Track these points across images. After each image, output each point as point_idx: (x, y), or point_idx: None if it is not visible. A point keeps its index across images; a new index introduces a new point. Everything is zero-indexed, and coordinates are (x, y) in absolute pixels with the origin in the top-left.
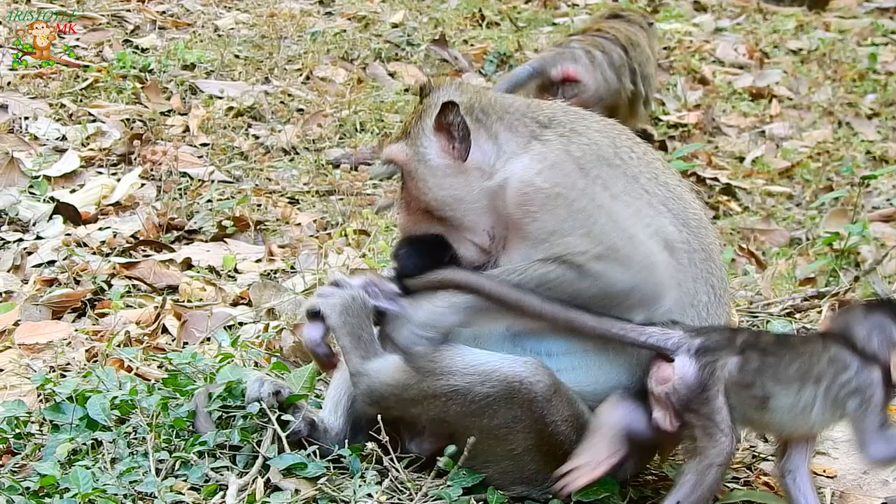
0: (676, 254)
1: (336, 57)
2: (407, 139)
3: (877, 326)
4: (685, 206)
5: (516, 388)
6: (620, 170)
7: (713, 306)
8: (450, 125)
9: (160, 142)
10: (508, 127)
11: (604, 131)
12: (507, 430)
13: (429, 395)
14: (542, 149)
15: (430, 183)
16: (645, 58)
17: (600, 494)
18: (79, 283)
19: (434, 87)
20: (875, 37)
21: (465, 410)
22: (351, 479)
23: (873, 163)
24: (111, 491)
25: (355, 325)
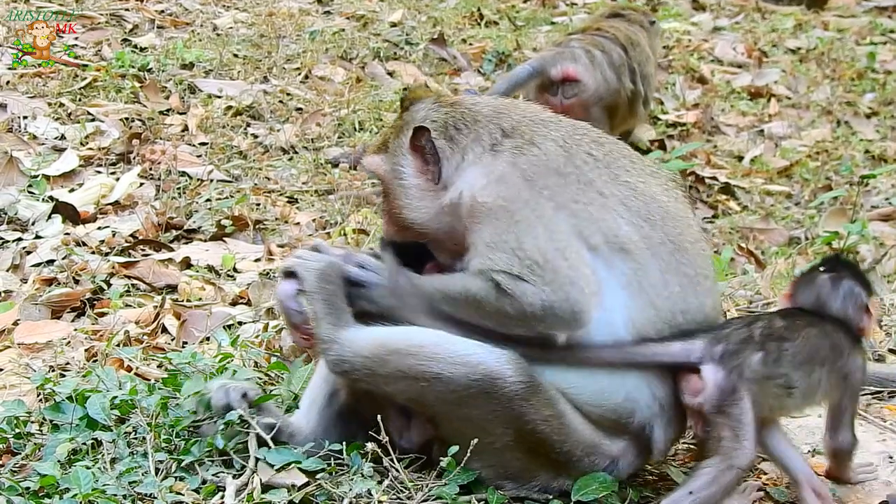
0: (632, 254)
1: (335, 56)
2: (386, 153)
3: (848, 294)
4: (647, 201)
5: (494, 382)
6: (572, 177)
7: (689, 294)
8: (421, 148)
9: (159, 141)
10: (476, 137)
11: (562, 139)
12: (485, 422)
13: (407, 376)
14: (492, 161)
15: (404, 202)
16: (644, 57)
17: (599, 493)
18: (78, 282)
19: (413, 102)
20: (874, 36)
21: (443, 398)
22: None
23: (872, 162)
24: (111, 491)
25: (330, 292)
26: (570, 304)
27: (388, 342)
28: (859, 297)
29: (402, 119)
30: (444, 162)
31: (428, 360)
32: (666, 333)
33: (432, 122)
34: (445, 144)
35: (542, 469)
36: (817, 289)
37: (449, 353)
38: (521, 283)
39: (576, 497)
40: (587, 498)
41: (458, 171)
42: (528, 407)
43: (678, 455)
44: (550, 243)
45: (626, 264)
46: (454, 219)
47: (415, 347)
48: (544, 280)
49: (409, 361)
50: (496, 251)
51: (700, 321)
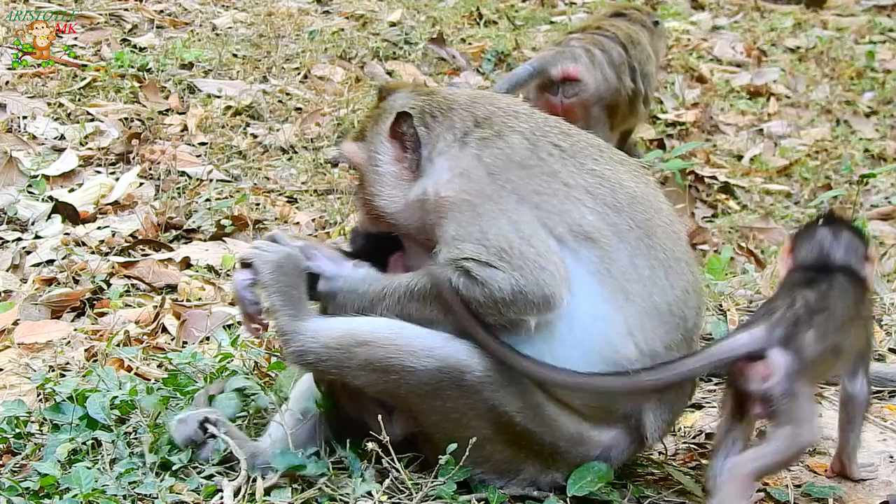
0: (598, 242)
1: (334, 56)
2: (363, 141)
3: (849, 245)
4: (614, 188)
5: (462, 373)
6: (536, 170)
7: (661, 277)
8: (403, 135)
9: (158, 141)
10: (450, 126)
11: (530, 131)
12: (460, 414)
13: (377, 369)
14: (458, 154)
15: (377, 190)
16: (645, 56)
17: (594, 486)
18: (78, 282)
19: (390, 91)
20: (873, 34)
21: (415, 391)
22: (351, 479)
23: (871, 161)
24: (111, 491)
25: (287, 283)
26: (540, 288)
27: (356, 333)
28: (858, 247)
29: (380, 108)
30: (423, 150)
31: (398, 353)
32: (635, 317)
33: (411, 109)
34: (424, 132)
35: (527, 462)
36: (819, 242)
37: (418, 345)
38: (489, 269)
39: (571, 491)
40: (582, 492)
41: (429, 162)
42: (500, 398)
43: (679, 455)
44: (515, 233)
45: (592, 252)
46: (423, 213)
47: (383, 339)
48: (512, 265)
49: (379, 353)
50: (463, 242)
51: (672, 302)
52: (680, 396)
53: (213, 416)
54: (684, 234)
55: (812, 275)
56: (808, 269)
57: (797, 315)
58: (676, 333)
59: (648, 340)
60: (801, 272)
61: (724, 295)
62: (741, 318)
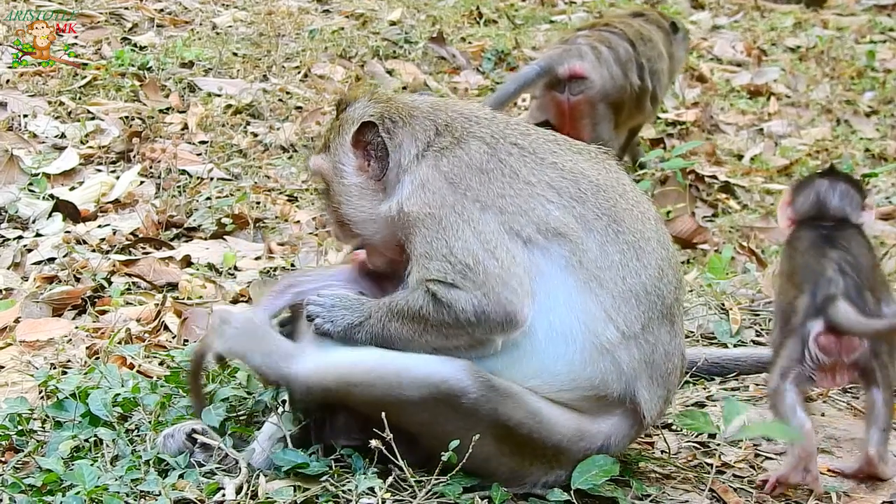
0: (567, 237)
1: (334, 55)
2: (328, 153)
3: (845, 193)
4: (576, 179)
5: (457, 397)
6: (496, 173)
7: (631, 259)
8: (367, 144)
9: (159, 139)
10: (411, 134)
11: (490, 135)
12: (463, 436)
13: (376, 405)
14: (417, 168)
15: (345, 200)
16: (656, 54)
17: (599, 480)
18: (79, 280)
19: (350, 102)
20: (873, 34)
21: (415, 419)
22: (353, 477)
23: (872, 160)
24: (114, 488)
25: (260, 338)
26: (502, 307)
27: (350, 374)
28: (854, 195)
29: (340, 119)
30: (390, 158)
31: (392, 388)
32: (611, 302)
33: (371, 117)
34: (387, 138)
35: (532, 467)
36: (815, 191)
37: (410, 374)
38: (453, 291)
39: (576, 485)
40: (586, 485)
41: (396, 179)
42: (499, 413)
43: (681, 453)
44: (480, 244)
45: (562, 248)
46: (393, 229)
47: (376, 377)
48: (475, 284)
49: (375, 392)
50: (430, 260)
51: (647, 282)
52: (672, 371)
53: (200, 427)
54: (652, 211)
55: (824, 230)
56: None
57: (850, 282)
58: (654, 312)
59: (628, 322)
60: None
61: (725, 294)
62: (743, 317)
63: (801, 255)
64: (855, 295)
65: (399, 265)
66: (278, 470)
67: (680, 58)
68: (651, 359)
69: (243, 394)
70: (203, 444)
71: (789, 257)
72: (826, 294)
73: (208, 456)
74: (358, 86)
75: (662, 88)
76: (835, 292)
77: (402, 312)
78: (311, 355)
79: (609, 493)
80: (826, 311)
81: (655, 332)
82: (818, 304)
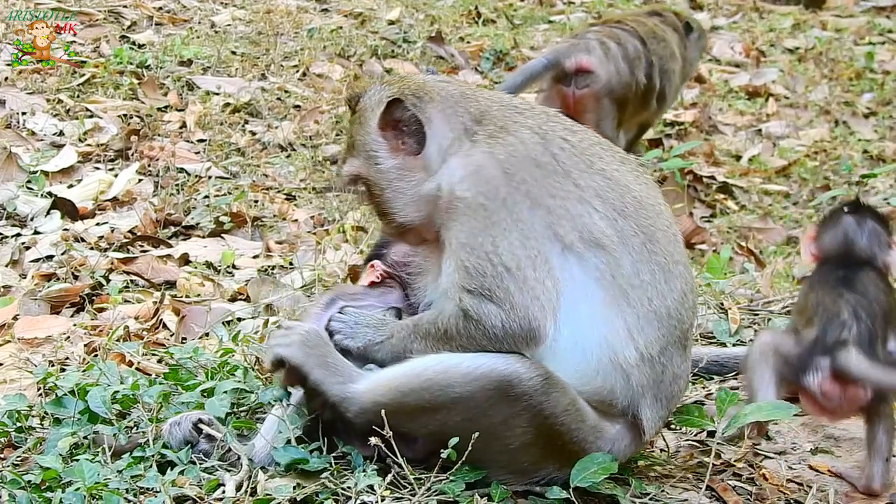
0: (606, 249)
1: (332, 54)
2: (355, 151)
3: (872, 232)
4: (622, 193)
5: (511, 385)
6: (549, 167)
7: (660, 281)
8: (398, 122)
9: (157, 138)
10: (443, 114)
11: (536, 126)
12: (505, 426)
13: (427, 409)
14: (470, 151)
15: (384, 185)
16: (668, 53)
17: (598, 477)
18: (77, 277)
19: (362, 93)
20: (872, 36)
21: (465, 416)
22: (353, 474)
23: (870, 162)
24: (113, 485)
25: (321, 355)
26: (528, 322)
27: (401, 384)
28: (882, 234)
29: (358, 111)
30: (424, 129)
31: (443, 388)
32: (635, 321)
33: (393, 95)
34: (417, 111)
35: (550, 461)
36: (843, 229)
37: (460, 372)
38: (486, 305)
39: (575, 482)
40: (585, 483)
41: (438, 155)
42: (549, 400)
43: (680, 452)
44: (523, 250)
45: (599, 259)
46: (432, 210)
47: (426, 380)
48: (508, 293)
49: (426, 396)
50: (471, 254)
51: (671, 306)
52: (676, 394)
53: (206, 418)
54: (680, 235)
55: (842, 273)
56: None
57: (861, 327)
58: (673, 336)
59: (648, 344)
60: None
61: (724, 294)
62: (742, 317)
63: (816, 293)
64: (867, 343)
65: (429, 248)
66: (279, 465)
67: (694, 59)
68: (660, 379)
69: (245, 388)
70: (208, 435)
71: (805, 294)
72: (838, 337)
73: (212, 447)
74: (358, 83)
75: (672, 88)
76: (846, 337)
77: (427, 332)
78: (365, 376)
79: (608, 491)
80: (835, 355)
81: (670, 355)
82: (828, 345)
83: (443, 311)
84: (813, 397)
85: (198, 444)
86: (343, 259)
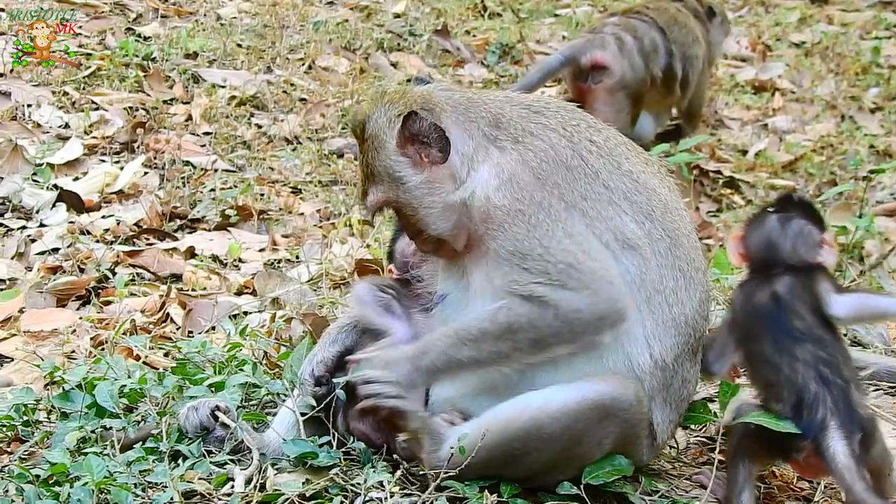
0: (638, 251)
1: (338, 46)
2: (376, 177)
3: (798, 234)
4: (649, 195)
5: (611, 404)
6: (580, 171)
7: (681, 289)
8: (416, 135)
9: (163, 130)
10: (457, 122)
11: (560, 127)
12: (596, 445)
13: (540, 448)
14: (500, 158)
15: (416, 204)
16: (690, 39)
17: (610, 478)
18: (83, 270)
19: (366, 118)
20: (878, 30)
21: (563, 447)
22: (362, 470)
23: (877, 157)
24: (122, 480)
25: (409, 398)
26: (613, 302)
27: (487, 443)
28: (810, 234)
29: (367, 139)
30: (450, 136)
31: (550, 420)
32: (653, 328)
33: (405, 109)
34: (434, 120)
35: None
36: (767, 231)
37: (555, 406)
38: (562, 291)
39: (586, 479)
40: (597, 481)
41: (463, 162)
42: (641, 406)
43: (690, 449)
44: (575, 244)
45: (631, 261)
46: (464, 218)
47: (527, 424)
48: (583, 283)
49: (515, 445)
50: (525, 259)
51: (688, 314)
52: (686, 398)
53: (223, 405)
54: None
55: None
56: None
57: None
58: (687, 345)
59: (663, 353)
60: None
61: (732, 288)
62: None
63: (761, 343)
64: (845, 410)
65: (451, 254)
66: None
67: (718, 42)
68: (670, 383)
69: (255, 382)
70: (223, 424)
71: (744, 312)
72: (817, 418)
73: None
74: (359, 106)
75: (696, 73)
76: (828, 422)
77: (482, 333)
78: (456, 430)
79: (618, 489)
80: (819, 441)
81: (682, 362)
82: (806, 425)
83: (501, 306)
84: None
85: (213, 431)
86: (349, 253)
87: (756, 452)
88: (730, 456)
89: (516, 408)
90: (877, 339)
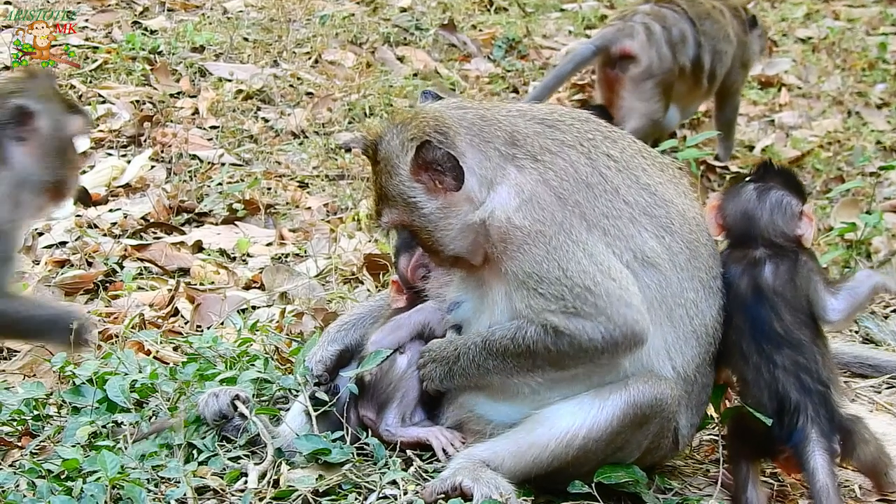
0: (658, 268)
1: (345, 41)
2: (391, 200)
3: (776, 205)
4: (667, 207)
5: (652, 406)
6: (600, 188)
7: (701, 299)
8: (430, 163)
9: (170, 124)
10: (472, 144)
11: (577, 143)
12: (636, 448)
13: (567, 465)
14: (519, 178)
15: (431, 228)
16: (721, 35)
17: (622, 479)
18: (91, 264)
19: (378, 140)
20: (885, 26)
21: (605, 458)
22: (375, 466)
23: (883, 152)
24: (135, 475)
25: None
26: (629, 327)
27: (528, 467)
28: (789, 205)
29: (379, 160)
30: (464, 161)
31: (595, 443)
32: (674, 340)
33: (419, 138)
34: (447, 148)
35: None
36: (744, 202)
37: (602, 419)
38: (576, 320)
39: (598, 478)
40: (609, 480)
41: (480, 185)
42: (679, 405)
43: (703, 446)
44: (594, 266)
45: (651, 279)
46: (480, 237)
47: (569, 440)
48: (598, 309)
49: (556, 464)
50: (542, 282)
51: (709, 324)
52: (703, 401)
53: (243, 395)
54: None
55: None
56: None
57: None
58: (707, 354)
59: (685, 364)
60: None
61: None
62: None
63: (739, 335)
64: (825, 416)
65: (468, 268)
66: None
67: (754, 52)
68: (691, 391)
69: (266, 377)
70: (241, 414)
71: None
72: (797, 427)
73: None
74: (370, 125)
75: (723, 68)
76: (808, 431)
77: (506, 350)
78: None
79: (631, 488)
80: (799, 451)
81: (703, 371)
82: (787, 434)
83: (520, 328)
84: (779, 464)
85: (232, 419)
86: (357, 248)
87: (746, 451)
88: (730, 455)
89: (558, 436)
90: (889, 337)
